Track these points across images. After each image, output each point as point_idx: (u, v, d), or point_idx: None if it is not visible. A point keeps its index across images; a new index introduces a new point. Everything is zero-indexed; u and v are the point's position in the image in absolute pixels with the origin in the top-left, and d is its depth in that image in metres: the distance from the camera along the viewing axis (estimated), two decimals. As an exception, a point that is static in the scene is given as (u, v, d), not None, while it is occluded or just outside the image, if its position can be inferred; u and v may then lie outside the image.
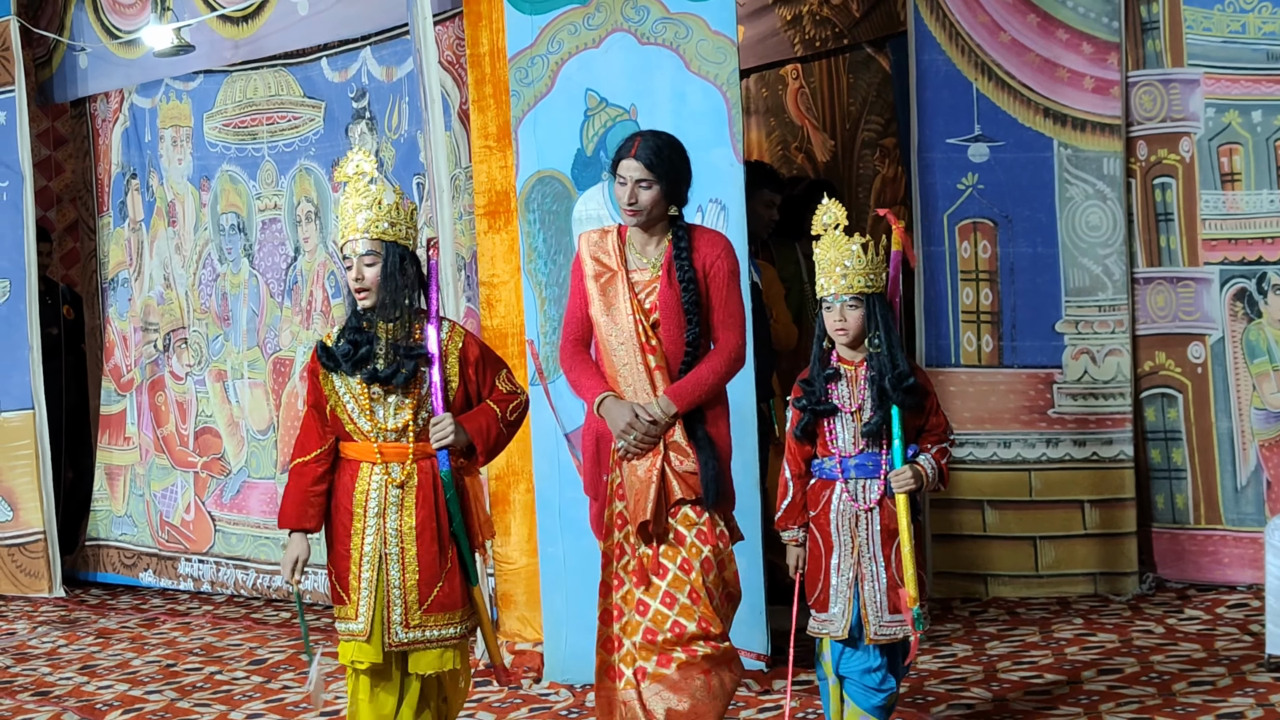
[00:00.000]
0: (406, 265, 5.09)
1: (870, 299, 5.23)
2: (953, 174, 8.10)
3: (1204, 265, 7.96)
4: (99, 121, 10.35)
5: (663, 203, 5.35)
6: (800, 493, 5.40)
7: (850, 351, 5.29)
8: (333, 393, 5.13)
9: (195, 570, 9.74)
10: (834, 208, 5.30)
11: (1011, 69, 8.03)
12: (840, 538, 5.27)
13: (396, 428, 5.09)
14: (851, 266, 5.20)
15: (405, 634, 5.10)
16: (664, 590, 5.28)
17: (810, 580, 5.36)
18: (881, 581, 5.23)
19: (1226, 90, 7.88)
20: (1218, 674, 6.41)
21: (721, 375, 5.36)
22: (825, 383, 5.28)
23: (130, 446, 10.20)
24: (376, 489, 5.10)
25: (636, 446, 5.29)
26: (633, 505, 5.31)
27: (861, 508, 5.24)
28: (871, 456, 5.24)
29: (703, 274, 5.38)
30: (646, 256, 5.44)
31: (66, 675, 7.89)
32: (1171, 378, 8.04)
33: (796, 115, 10.22)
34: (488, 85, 7.25)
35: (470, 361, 5.16)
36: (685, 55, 6.70)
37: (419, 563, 5.08)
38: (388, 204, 5.08)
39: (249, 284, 9.50)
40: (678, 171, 5.36)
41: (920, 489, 5.21)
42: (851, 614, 5.24)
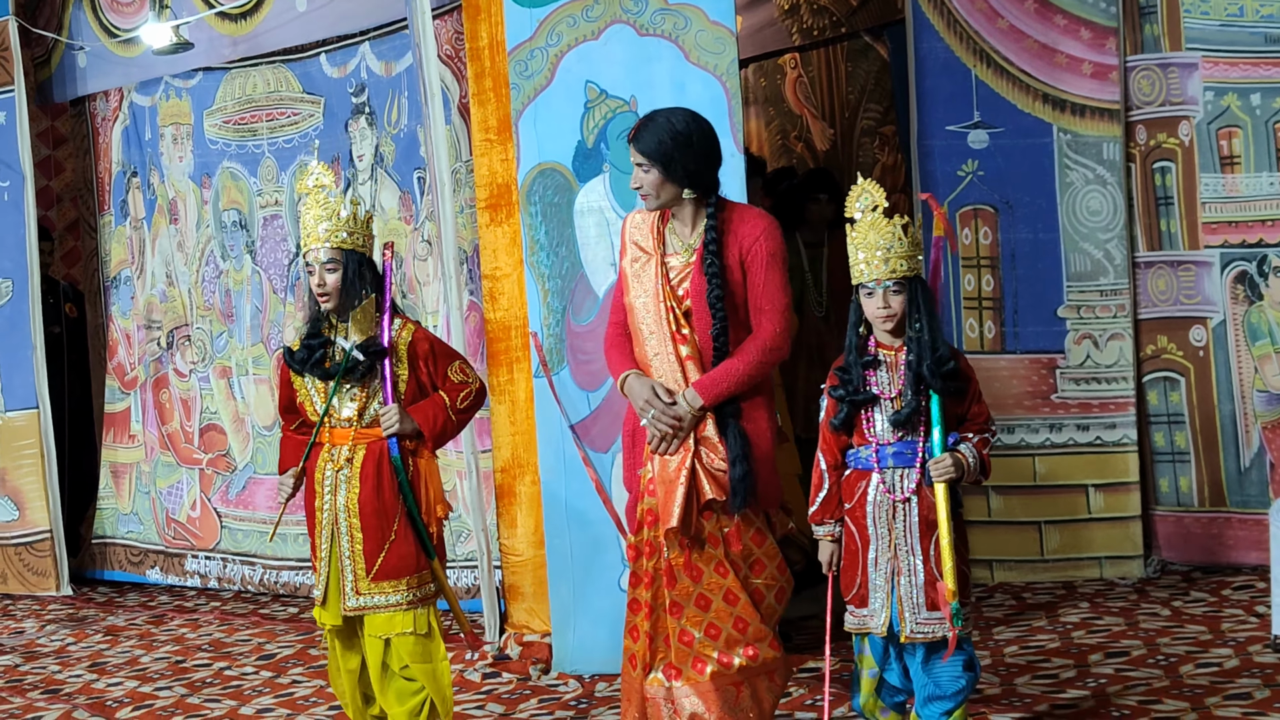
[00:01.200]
0: (364, 270, 5.55)
1: (912, 283, 5.01)
2: (953, 161, 8.11)
3: (1204, 249, 7.97)
4: (99, 120, 10.36)
5: (669, 185, 5.20)
6: (835, 485, 5.17)
7: (890, 337, 5.07)
8: (301, 387, 5.65)
9: (202, 567, 9.77)
10: (871, 189, 5.06)
11: (1010, 55, 8.04)
12: (877, 530, 5.05)
13: (349, 416, 5.56)
14: (894, 250, 4.99)
15: (356, 599, 5.55)
16: (698, 593, 5.17)
17: (847, 576, 5.15)
18: (919, 576, 5.00)
19: (1225, 74, 7.89)
20: (1224, 655, 6.43)
21: (755, 366, 5.16)
22: (863, 370, 5.06)
23: (135, 444, 10.22)
24: (331, 469, 5.58)
25: (657, 426, 5.15)
26: (662, 506, 5.18)
27: (898, 498, 5.02)
28: (910, 445, 5.02)
29: (739, 259, 5.19)
30: (684, 239, 5.29)
31: (76, 673, 7.91)
32: (1174, 361, 8.06)
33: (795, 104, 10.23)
34: (487, 79, 7.26)
35: (420, 355, 5.57)
36: (684, 46, 6.71)
37: (364, 534, 5.52)
38: (345, 215, 5.51)
39: (252, 280, 9.52)
40: (671, 154, 5.17)
41: (961, 478, 4.98)
42: (890, 609, 5.04)
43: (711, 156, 5.24)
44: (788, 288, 5.27)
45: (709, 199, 5.24)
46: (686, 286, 5.22)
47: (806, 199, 8.61)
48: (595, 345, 6.80)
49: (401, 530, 5.55)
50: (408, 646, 5.58)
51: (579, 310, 6.89)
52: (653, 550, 5.25)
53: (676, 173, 5.20)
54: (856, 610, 5.12)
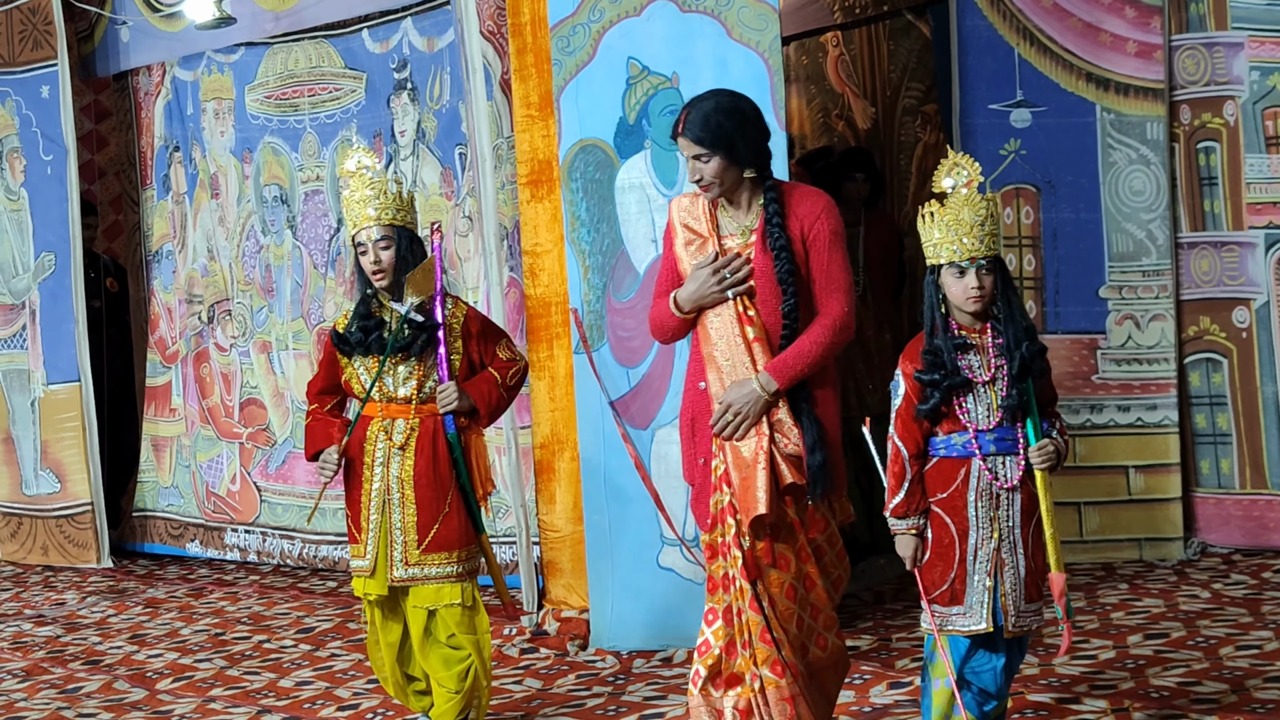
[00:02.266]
0: (415, 247, 5.67)
1: (1000, 262, 4.82)
2: (995, 140, 8.08)
3: (1248, 229, 7.93)
4: (141, 95, 10.39)
5: (731, 169, 4.98)
6: (919, 475, 4.86)
7: (970, 319, 4.82)
8: (349, 367, 5.76)
9: (241, 540, 9.81)
10: (966, 164, 4.81)
11: (1053, 34, 7.99)
12: (979, 520, 4.78)
13: (406, 395, 5.69)
14: (987, 227, 4.76)
15: (405, 570, 5.69)
16: (788, 583, 4.96)
17: (935, 570, 4.85)
18: (1021, 568, 4.79)
19: (1271, 53, 7.83)
20: (1265, 638, 6.41)
21: (826, 347, 4.95)
22: (954, 352, 4.79)
23: (176, 418, 10.26)
24: (383, 442, 5.70)
25: (728, 280, 4.96)
26: (741, 494, 4.94)
27: (1004, 486, 4.77)
28: (1009, 431, 4.77)
29: (800, 238, 5.00)
30: (739, 221, 5.09)
31: (116, 644, 7.96)
32: (1216, 342, 8.02)
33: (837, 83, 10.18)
34: (529, 54, 7.26)
35: (472, 334, 5.71)
36: (727, 22, 6.70)
37: (417, 506, 5.67)
38: (393, 193, 5.64)
39: (292, 255, 9.55)
40: (731, 136, 4.96)
41: (1058, 464, 4.80)
42: (992, 604, 4.79)
43: (765, 132, 5.08)
44: (849, 267, 5.09)
45: (766, 177, 5.08)
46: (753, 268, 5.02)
47: (842, 178, 8.58)
48: (635, 322, 6.81)
49: (455, 503, 5.70)
50: (455, 617, 5.70)
51: (619, 287, 6.89)
52: (728, 549, 4.99)
53: (740, 154, 5.00)
54: (942, 609, 4.85)
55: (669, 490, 6.67)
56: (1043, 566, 4.84)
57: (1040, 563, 4.83)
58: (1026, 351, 4.75)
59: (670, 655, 6.79)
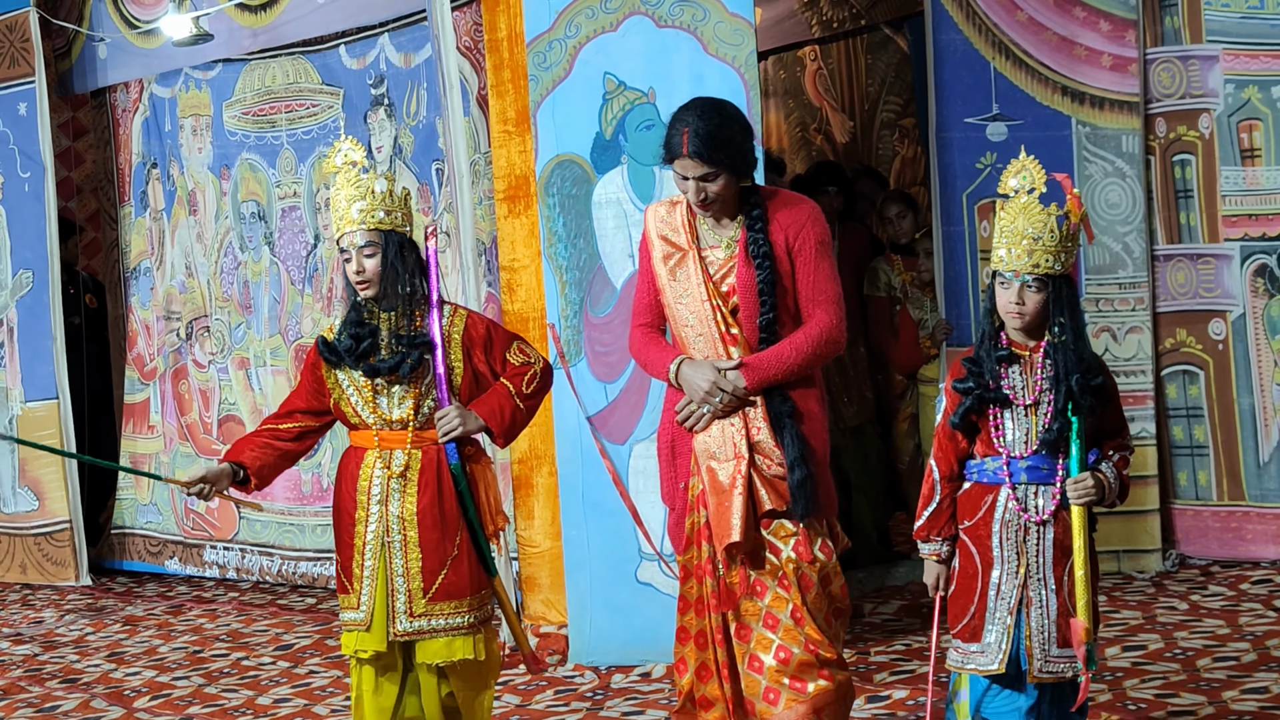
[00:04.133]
0: (405, 253, 4.96)
1: (1056, 281, 4.41)
2: (971, 153, 8.09)
3: (1224, 241, 7.95)
4: (119, 111, 10.38)
5: (732, 184, 4.77)
6: (949, 498, 4.55)
7: (1022, 336, 4.47)
8: (336, 386, 5.03)
9: (220, 557, 9.79)
10: (1032, 168, 4.49)
11: (1029, 48, 8.02)
12: (1004, 553, 4.45)
13: (401, 418, 4.96)
14: (1042, 241, 4.39)
15: (410, 623, 4.96)
16: (765, 611, 4.74)
17: (958, 603, 4.56)
18: (1051, 609, 4.42)
19: (1246, 66, 7.87)
20: (1242, 649, 6.42)
21: (806, 354, 4.74)
22: (997, 364, 4.46)
23: (154, 435, 10.24)
24: (379, 477, 4.96)
25: (722, 412, 4.75)
26: (716, 520, 4.75)
27: (1034, 519, 4.43)
28: (1046, 460, 4.42)
29: (785, 247, 4.79)
30: (721, 232, 4.87)
31: (94, 662, 7.94)
32: (1193, 354, 8.04)
33: (815, 97, 10.22)
34: (506, 70, 7.27)
35: (477, 343, 4.98)
36: (703, 38, 6.71)
37: (422, 549, 4.94)
38: (380, 192, 4.96)
39: (270, 272, 9.54)
40: (738, 147, 4.75)
41: (1101, 501, 4.40)
42: (1010, 645, 4.44)
43: (751, 132, 4.88)
44: (837, 277, 4.90)
45: (749, 186, 4.87)
46: (731, 281, 4.82)
47: (815, 191, 8.60)
48: (613, 337, 6.81)
49: (464, 545, 4.98)
50: (467, 673, 5.07)
51: (597, 302, 6.89)
52: (703, 572, 4.83)
53: (743, 167, 4.80)
54: (964, 645, 4.54)
55: (647, 505, 6.67)
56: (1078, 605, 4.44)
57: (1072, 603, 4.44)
58: (1076, 385, 4.37)
59: (649, 670, 6.78)
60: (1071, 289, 4.46)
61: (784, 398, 4.78)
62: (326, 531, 9.14)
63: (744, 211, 4.84)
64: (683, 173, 4.76)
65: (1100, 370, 4.43)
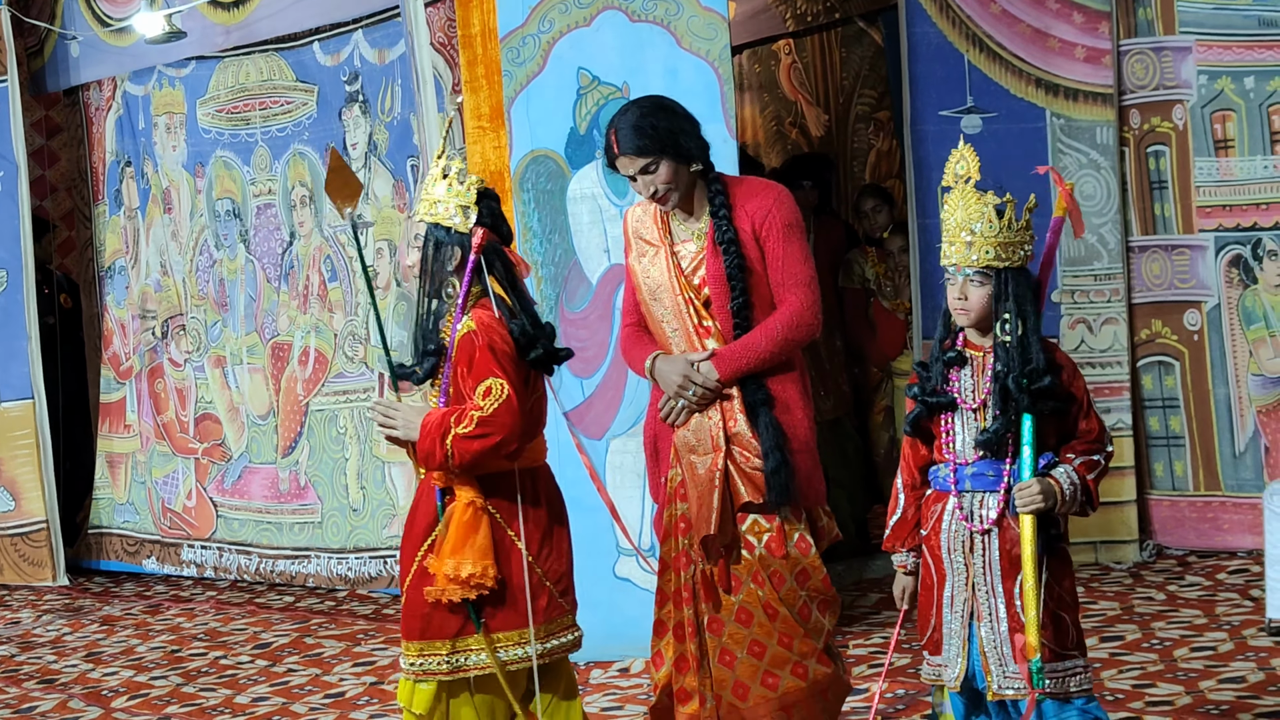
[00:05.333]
0: (448, 250, 4.53)
1: (1003, 275, 4.16)
2: (946, 146, 7.97)
3: (1199, 232, 7.96)
4: (92, 110, 10.35)
5: (680, 169, 4.72)
6: (912, 507, 4.37)
7: (978, 335, 4.25)
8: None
9: (198, 556, 9.76)
10: (967, 155, 4.28)
11: (1003, 40, 8.02)
12: (953, 564, 4.25)
13: None
14: (980, 232, 4.16)
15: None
16: (738, 607, 4.71)
17: (922, 615, 4.36)
18: (1002, 623, 4.17)
19: (1219, 57, 7.87)
20: (1219, 639, 6.43)
21: (778, 340, 4.69)
22: (946, 369, 4.26)
23: (131, 434, 10.21)
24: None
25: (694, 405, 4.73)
26: (695, 511, 4.72)
27: (977, 528, 4.20)
28: (992, 465, 4.19)
29: (752, 234, 4.73)
30: (691, 225, 4.83)
31: (72, 663, 7.91)
32: (1168, 345, 8.05)
33: (790, 91, 10.22)
34: (480, 66, 7.25)
35: (463, 355, 4.49)
36: (676, 32, 6.70)
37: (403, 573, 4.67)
38: (433, 175, 4.58)
39: (245, 269, 9.51)
40: (669, 132, 4.70)
41: (1053, 508, 4.12)
42: (967, 661, 4.24)
43: (695, 121, 4.81)
44: (810, 258, 4.83)
45: (710, 174, 4.82)
46: (702, 274, 4.77)
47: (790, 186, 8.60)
48: (589, 332, 6.81)
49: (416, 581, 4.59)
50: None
51: (572, 297, 6.88)
52: (689, 561, 4.79)
53: (685, 149, 4.72)
54: (931, 658, 4.35)
55: (624, 500, 6.65)
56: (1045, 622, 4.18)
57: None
58: (1012, 384, 4.11)
59: (627, 665, 6.78)
60: (1022, 283, 4.18)
61: (759, 386, 4.75)
62: (304, 529, 9.14)
63: (709, 200, 4.81)
64: (624, 172, 4.77)
65: (1050, 370, 4.13)
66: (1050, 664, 4.17)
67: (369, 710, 6.58)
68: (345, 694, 6.87)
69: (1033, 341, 4.15)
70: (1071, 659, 4.22)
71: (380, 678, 7.06)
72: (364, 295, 8.85)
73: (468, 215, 4.51)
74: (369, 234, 8.75)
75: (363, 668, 7.27)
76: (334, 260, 8.99)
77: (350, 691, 6.91)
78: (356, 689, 6.94)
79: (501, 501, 4.58)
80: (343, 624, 8.18)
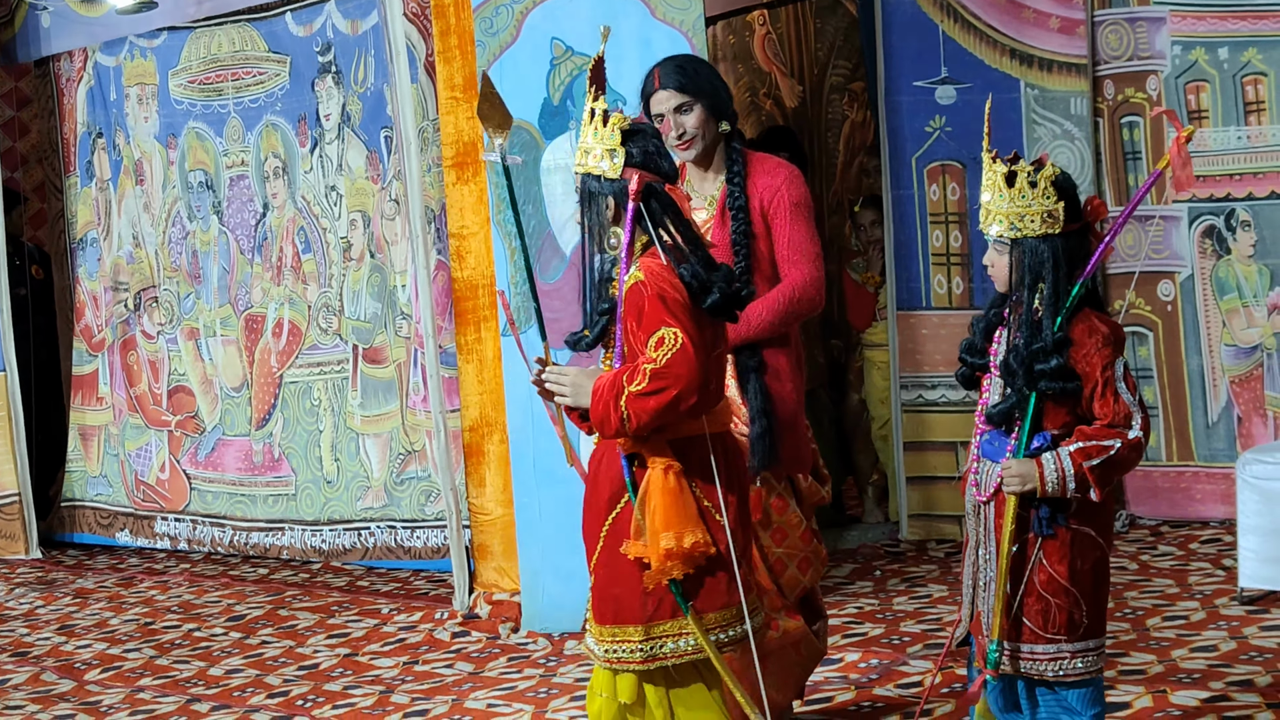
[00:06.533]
0: (599, 201, 4.22)
1: (1020, 244, 4.09)
2: (920, 117, 8.09)
3: (1172, 203, 7.97)
4: (63, 81, 10.28)
5: (711, 121, 4.86)
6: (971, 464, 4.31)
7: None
8: None
9: (172, 529, 9.73)
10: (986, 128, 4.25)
11: (977, 10, 8.01)
12: (969, 527, 4.27)
13: None
14: (994, 203, 4.13)
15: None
16: None
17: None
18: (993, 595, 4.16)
19: (1193, 27, 7.87)
20: (1191, 609, 6.46)
21: (779, 313, 4.78)
22: (989, 329, 4.23)
23: (103, 407, 10.17)
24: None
25: None
26: None
27: (980, 498, 4.19)
28: (999, 437, 4.15)
29: (760, 211, 4.86)
30: (704, 190, 4.96)
31: (45, 635, 7.89)
32: (1142, 316, 8.06)
33: (764, 62, 10.18)
34: (453, 36, 7.22)
35: (631, 308, 4.15)
36: (650, 2, 6.68)
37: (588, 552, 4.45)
38: (583, 121, 4.26)
39: (219, 241, 9.47)
40: (712, 85, 4.83)
41: (1033, 492, 4.06)
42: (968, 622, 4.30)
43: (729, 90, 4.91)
44: (817, 237, 4.91)
45: (734, 139, 4.91)
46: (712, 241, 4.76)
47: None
48: (563, 303, 6.78)
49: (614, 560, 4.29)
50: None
51: (546, 269, 6.87)
52: None
53: (720, 103, 4.84)
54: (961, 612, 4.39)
55: (598, 471, 6.65)
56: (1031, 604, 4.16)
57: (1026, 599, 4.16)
58: (1015, 357, 4.08)
59: (602, 636, 6.77)
60: (1042, 255, 4.07)
61: (752, 352, 4.84)
62: (278, 501, 9.11)
63: (726, 167, 4.90)
64: (658, 109, 4.86)
65: (1059, 349, 4.04)
66: (1028, 645, 4.15)
67: (342, 682, 6.58)
68: (319, 666, 6.87)
69: (1046, 319, 4.06)
70: (1056, 644, 4.16)
71: (354, 649, 7.06)
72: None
73: (615, 159, 4.19)
74: (342, 204, 8.71)
75: (337, 639, 7.27)
76: (308, 232, 8.95)
77: (324, 664, 6.90)
78: (330, 661, 6.93)
79: (693, 467, 4.20)
80: (317, 596, 8.17)
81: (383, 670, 6.70)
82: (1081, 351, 4.06)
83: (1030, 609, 4.15)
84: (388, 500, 8.53)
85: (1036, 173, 4.13)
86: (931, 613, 6.72)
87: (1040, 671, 4.17)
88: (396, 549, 8.49)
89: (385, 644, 7.11)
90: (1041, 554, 4.13)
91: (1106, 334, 4.11)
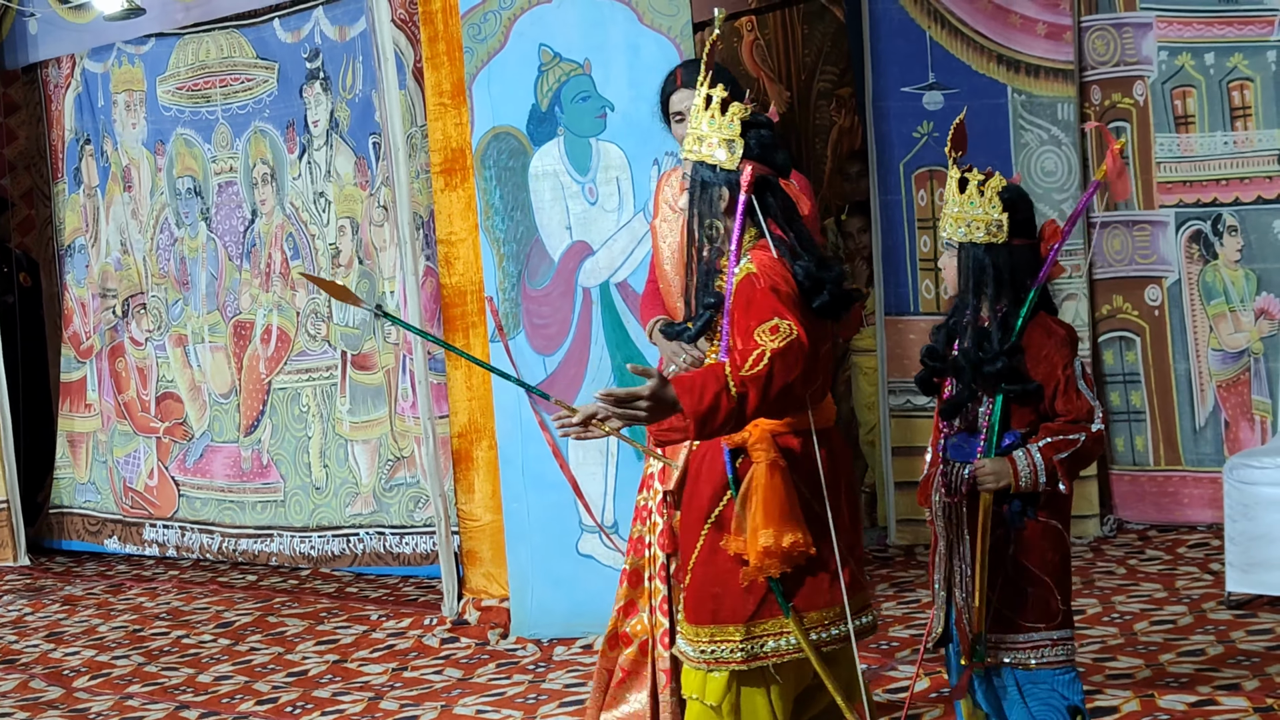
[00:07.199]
0: (711, 191, 4.10)
1: (966, 249, 4.19)
2: (908, 122, 8.10)
3: (1159, 208, 7.99)
4: (51, 87, 10.27)
5: None
6: (934, 467, 4.33)
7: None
8: None
9: (160, 535, 9.73)
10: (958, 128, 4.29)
11: (964, 16, 8.03)
12: (938, 528, 4.29)
13: None
14: (948, 207, 4.22)
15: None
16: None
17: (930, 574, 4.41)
18: (972, 591, 4.20)
19: (1179, 33, 7.90)
20: (1179, 613, 6.47)
21: None
22: (950, 334, 4.29)
23: (91, 413, 10.16)
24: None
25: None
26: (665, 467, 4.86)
27: (950, 499, 4.22)
28: (967, 438, 4.21)
29: None
30: None
31: (33, 643, 7.88)
32: (1129, 321, 8.08)
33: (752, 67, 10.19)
34: (441, 42, 7.22)
35: (740, 299, 3.97)
36: (638, 8, 6.69)
37: (684, 554, 4.31)
38: (697, 108, 4.16)
39: (207, 248, 9.46)
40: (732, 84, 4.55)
41: (1007, 488, 4.13)
42: (945, 621, 4.30)
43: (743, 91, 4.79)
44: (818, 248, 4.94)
45: None
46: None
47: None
48: (551, 309, 6.80)
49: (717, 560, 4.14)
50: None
51: (534, 274, 6.87)
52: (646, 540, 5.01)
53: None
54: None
55: (587, 477, 6.66)
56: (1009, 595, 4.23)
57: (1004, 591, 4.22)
58: (963, 357, 4.18)
59: (590, 642, 6.78)
60: (984, 263, 4.16)
61: None
62: (266, 508, 9.11)
63: None
64: (677, 108, 5.00)
65: (1007, 355, 4.11)
66: (1010, 636, 4.23)
67: (331, 689, 6.58)
68: (308, 672, 6.87)
69: (994, 323, 4.15)
70: (1039, 632, 4.24)
71: (343, 656, 7.05)
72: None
73: (733, 150, 4.06)
74: (331, 210, 8.71)
75: (325, 646, 7.27)
76: (296, 238, 8.95)
77: (313, 670, 6.90)
78: (319, 667, 6.93)
79: (799, 464, 4.09)
80: (305, 603, 8.17)
81: (372, 676, 6.70)
82: (1042, 353, 4.17)
83: (1009, 601, 4.23)
84: (377, 506, 8.53)
85: (984, 182, 4.21)
86: (919, 617, 6.73)
87: (1024, 660, 4.25)
88: (385, 555, 8.48)
89: (374, 650, 7.11)
90: (1015, 547, 4.21)
91: (1063, 336, 4.23)
